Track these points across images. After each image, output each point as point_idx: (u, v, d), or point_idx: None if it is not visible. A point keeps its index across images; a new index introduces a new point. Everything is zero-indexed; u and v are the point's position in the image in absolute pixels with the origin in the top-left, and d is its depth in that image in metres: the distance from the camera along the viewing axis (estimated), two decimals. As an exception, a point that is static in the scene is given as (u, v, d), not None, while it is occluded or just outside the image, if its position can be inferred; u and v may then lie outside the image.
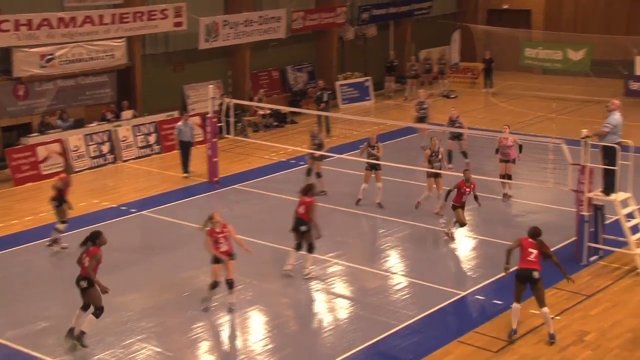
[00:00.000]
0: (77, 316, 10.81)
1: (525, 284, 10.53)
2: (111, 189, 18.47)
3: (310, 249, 12.90)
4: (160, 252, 14.35)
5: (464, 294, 12.25)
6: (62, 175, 14.62)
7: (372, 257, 14.12)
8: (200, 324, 11.53)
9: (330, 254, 13.98)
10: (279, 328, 11.50)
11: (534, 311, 11.45)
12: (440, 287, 12.48)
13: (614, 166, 12.89)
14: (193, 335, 11.24)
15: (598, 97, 24.71)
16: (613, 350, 10.46)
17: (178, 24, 22.38)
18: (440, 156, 15.62)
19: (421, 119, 19.93)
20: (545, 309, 10.54)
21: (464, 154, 18.44)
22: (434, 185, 15.69)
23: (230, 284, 11.75)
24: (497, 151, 16.60)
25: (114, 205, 17.02)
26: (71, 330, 10.81)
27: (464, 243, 14.64)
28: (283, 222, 14.60)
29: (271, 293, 12.70)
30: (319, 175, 17.10)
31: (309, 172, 17.28)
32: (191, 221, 15.87)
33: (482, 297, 12.21)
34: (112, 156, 20.56)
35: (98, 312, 10.61)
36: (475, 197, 14.48)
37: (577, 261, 13.14)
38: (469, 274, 13.22)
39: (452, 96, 27.59)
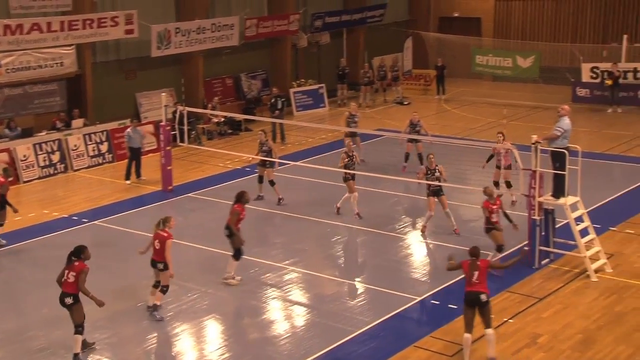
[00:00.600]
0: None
1: (474, 307, 10.18)
2: (62, 199, 18.13)
3: (234, 255, 12.90)
4: (113, 262, 14.13)
5: (419, 299, 12.34)
6: (0, 179, 14.48)
7: (329, 264, 14.14)
8: (155, 334, 11.39)
9: (287, 261, 13.97)
10: (236, 337, 11.44)
11: (488, 314, 11.63)
12: (396, 293, 12.56)
13: (564, 170, 13.17)
14: (148, 346, 11.09)
15: (547, 104, 25.27)
16: (565, 352, 10.66)
17: (129, 32, 22.12)
18: (437, 174, 14.69)
19: (352, 133, 19.43)
20: (491, 331, 10.17)
21: (420, 157, 18.73)
22: (433, 205, 14.83)
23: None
24: (488, 160, 16.52)
25: (65, 215, 16.71)
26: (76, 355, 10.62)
27: (419, 249, 14.77)
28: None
29: (227, 301, 12.61)
30: (272, 182, 17.05)
31: (260, 179, 17.24)
32: (145, 230, 15.66)
33: (437, 302, 12.32)
34: (62, 165, 20.19)
35: (80, 329, 10.45)
36: (506, 216, 13.26)
37: (530, 264, 13.36)
38: (424, 279, 13.33)
39: (406, 103, 27.85)
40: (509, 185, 16.18)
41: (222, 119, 23.59)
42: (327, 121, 25.41)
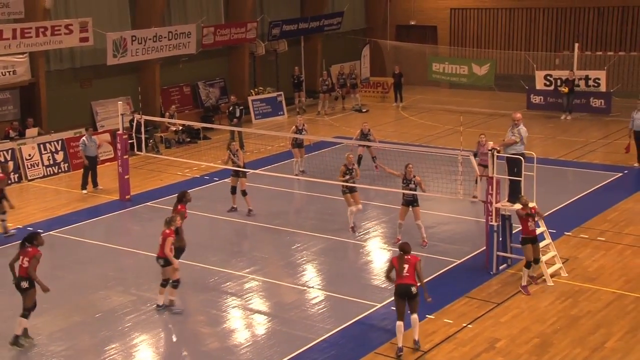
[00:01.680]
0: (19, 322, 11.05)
1: (404, 298, 10.74)
2: (16, 209, 17.61)
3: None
4: (70, 273, 13.90)
5: (379, 305, 12.39)
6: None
7: (289, 272, 14.12)
8: (113, 346, 11.23)
9: (247, 270, 13.91)
10: (196, 346, 11.33)
11: (447, 320, 11.74)
12: (357, 300, 12.60)
13: (520, 176, 13.38)
14: (106, 358, 10.92)
15: (503, 111, 25.68)
16: (522, 356, 10.81)
17: (84, 39, 21.82)
18: (412, 184, 14.46)
19: (298, 145, 19.55)
20: (415, 316, 10.82)
21: (374, 160, 19.43)
22: (404, 214, 14.64)
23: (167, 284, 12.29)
24: (475, 155, 16.64)
25: (19, 226, 16.38)
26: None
27: (379, 255, 14.85)
28: (197, 239, 14.45)
29: (187, 311, 12.49)
30: (244, 193, 16.91)
31: (233, 190, 17.08)
32: (102, 240, 15.49)
33: (397, 308, 12.39)
34: (16, 175, 19.79)
35: (27, 313, 10.82)
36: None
37: (488, 270, 13.54)
38: (384, 285, 13.35)
39: (364, 110, 28.03)
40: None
41: (180, 127, 23.42)
42: (285, 129, 25.39)
